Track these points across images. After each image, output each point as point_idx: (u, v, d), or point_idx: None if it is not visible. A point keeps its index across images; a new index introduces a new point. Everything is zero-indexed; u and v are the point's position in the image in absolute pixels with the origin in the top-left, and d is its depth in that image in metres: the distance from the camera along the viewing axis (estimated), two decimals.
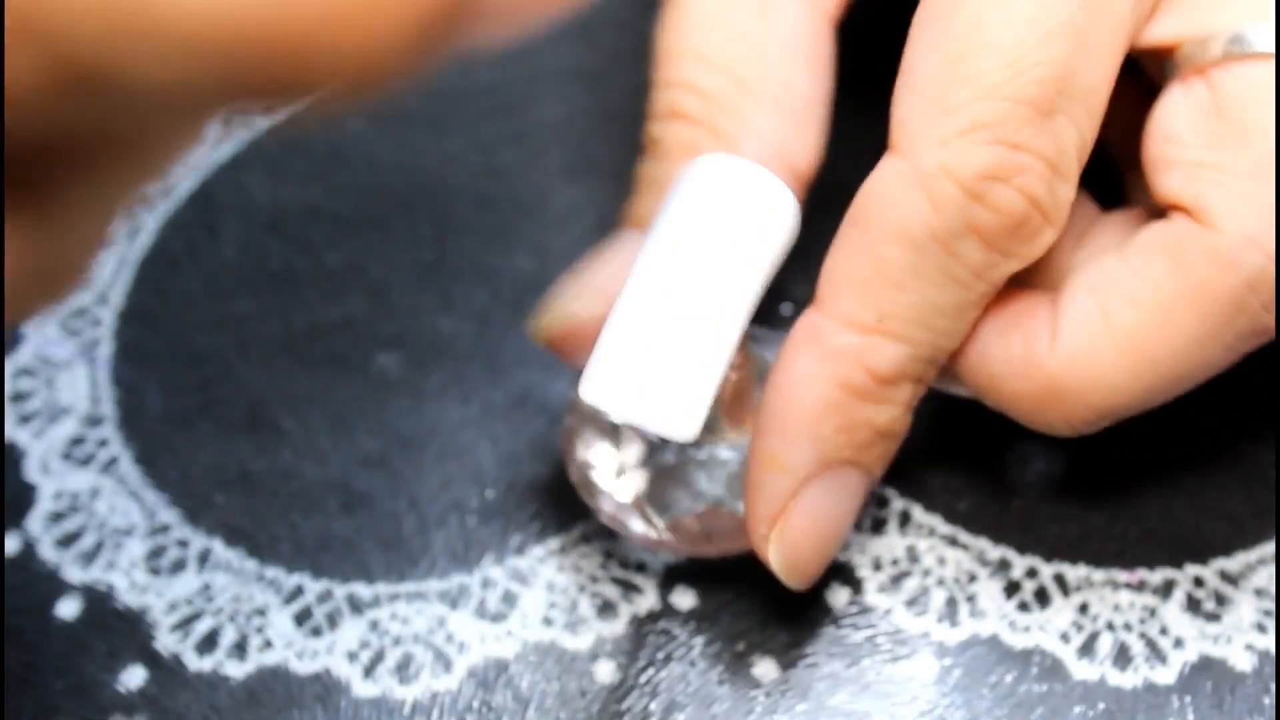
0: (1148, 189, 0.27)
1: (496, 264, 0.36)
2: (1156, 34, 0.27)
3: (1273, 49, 0.26)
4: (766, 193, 0.26)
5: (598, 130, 0.38)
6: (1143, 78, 0.29)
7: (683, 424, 0.25)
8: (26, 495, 0.33)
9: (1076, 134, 0.26)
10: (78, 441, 0.33)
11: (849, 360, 0.26)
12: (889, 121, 0.27)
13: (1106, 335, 0.26)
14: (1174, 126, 0.27)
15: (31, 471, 0.33)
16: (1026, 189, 0.25)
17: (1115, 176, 0.32)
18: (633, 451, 0.29)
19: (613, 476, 0.29)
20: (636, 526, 0.29)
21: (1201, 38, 0.26)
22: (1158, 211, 0.27)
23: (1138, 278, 0.26)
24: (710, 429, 0.28)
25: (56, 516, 0.32)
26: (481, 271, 0.36)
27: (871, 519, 0.32)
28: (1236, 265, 0.25)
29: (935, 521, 0.32)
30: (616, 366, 0.25)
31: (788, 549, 0.27)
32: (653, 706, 0.29)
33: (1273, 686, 0.29)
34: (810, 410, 0.26)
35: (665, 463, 0.29)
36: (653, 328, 0.25)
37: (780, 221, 0.26)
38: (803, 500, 0.27)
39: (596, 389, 0.25)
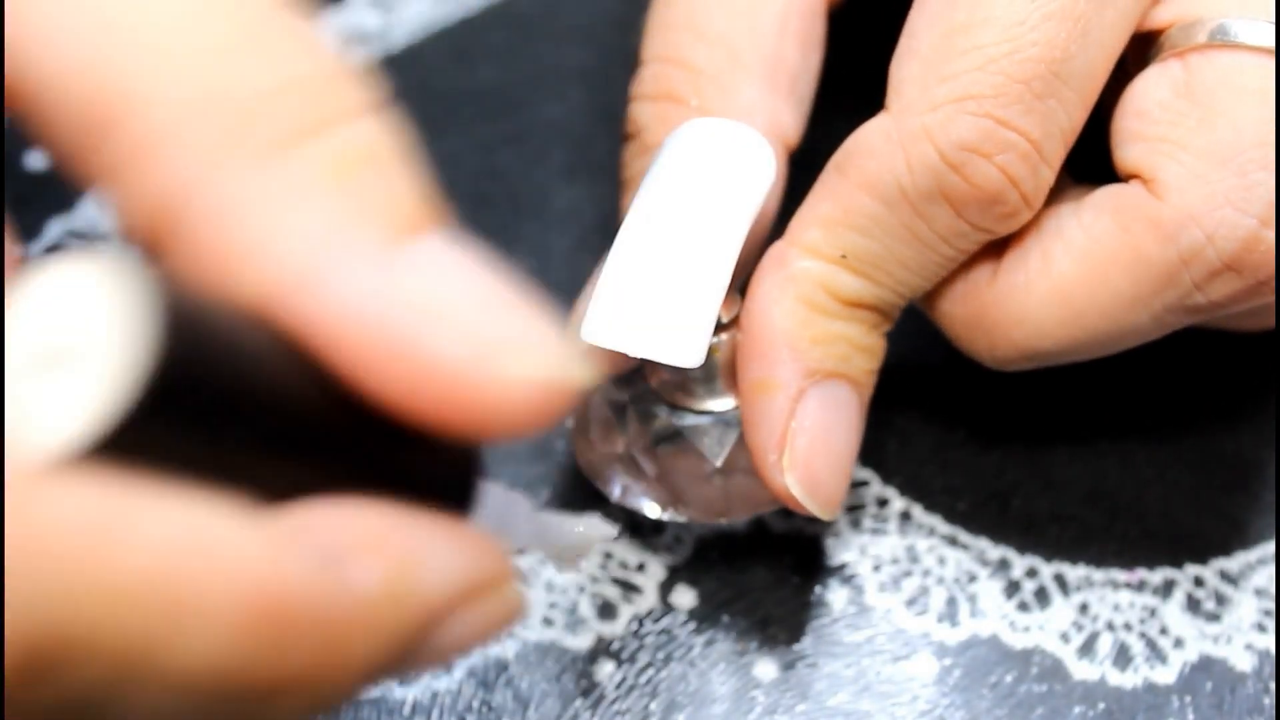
0: (1114, 162, 0.28)
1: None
2: (1150, 20, 0.28)
3: (1255, 43, 0.26)
4: (744, 141, 0.28)
5: (598, 130, 0.38)
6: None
7: (687, 350, 0.26)
8: None
9: (1066, 118, 0.26)
10: None
11: (810, 281, 0.27)
12: (887, 86, 0.27)
13: (1042, 279, 0.27)
14: (1144, 103, 0.27)
15: None
16: (1007, 167, 0.26)
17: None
18: (638, 431, 0.29)
19: (622, 458, 0.29)
20: (648, 504, 0.29)
21: (1188, 23, 0.27)
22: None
23: (1082, 231, 0.27)
24: (712, 392, 0.29)
25: None
26: None
27: (872, 519, 0.32)
28: (1175, 238, 0.26)
29: (935, 521, 0.32)
30: (618, 304, 0.26)
31: (801, 470, 0.27)
32: (653, 706, 0.29)
33: (1273, 686, 0.29)
34: (781, 326, 0.27)
35: (669, 434, 0.29)
36: (649, 265, 0.26)
37: (758, 164, 0.28)
38: (801, 418, 0.27)
39: (601, 328, 0.26)
